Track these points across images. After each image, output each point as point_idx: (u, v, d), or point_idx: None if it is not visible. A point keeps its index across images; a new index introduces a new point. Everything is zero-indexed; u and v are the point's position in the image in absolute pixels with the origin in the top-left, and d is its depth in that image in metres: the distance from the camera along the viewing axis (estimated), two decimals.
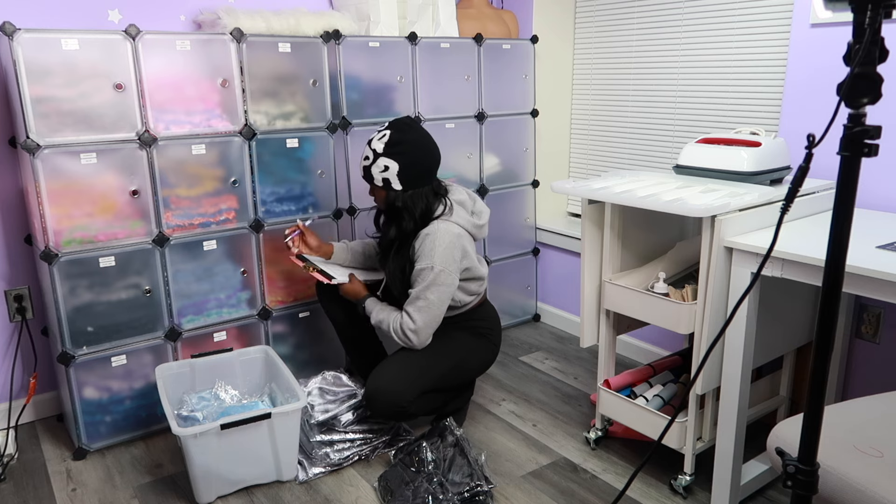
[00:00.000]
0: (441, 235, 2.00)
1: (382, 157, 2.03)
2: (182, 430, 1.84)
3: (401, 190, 2.04)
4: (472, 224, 2.11)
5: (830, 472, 1.20)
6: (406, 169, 2.03)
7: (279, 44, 2.33)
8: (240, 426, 1.90)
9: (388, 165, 2.02)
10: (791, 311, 1.95)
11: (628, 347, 2.92)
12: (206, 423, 1.94)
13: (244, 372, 2.30)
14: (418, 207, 2.06)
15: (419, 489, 1.87)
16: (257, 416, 1.92)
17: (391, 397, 2.01)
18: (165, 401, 1.98)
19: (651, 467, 2.10)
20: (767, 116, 2.37)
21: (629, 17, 2.83)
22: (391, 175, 2.03)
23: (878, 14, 0.84)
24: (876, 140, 0.89)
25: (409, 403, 2.04)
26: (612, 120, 3.00)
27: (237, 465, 1.97)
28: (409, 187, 2.05)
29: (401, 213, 2.06)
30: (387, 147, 2.02)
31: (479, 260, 2.20)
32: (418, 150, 2.06)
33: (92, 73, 2.01)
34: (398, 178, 2.03)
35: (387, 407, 2.03)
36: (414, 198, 2.06)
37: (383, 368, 2.07)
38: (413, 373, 2.06)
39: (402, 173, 2.03)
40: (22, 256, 2.37)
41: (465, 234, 2.08)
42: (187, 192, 2.24)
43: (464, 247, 2.06)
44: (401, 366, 2.07)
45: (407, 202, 2.05)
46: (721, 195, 1.79)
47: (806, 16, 2.09)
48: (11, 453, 2.22)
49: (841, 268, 0.95)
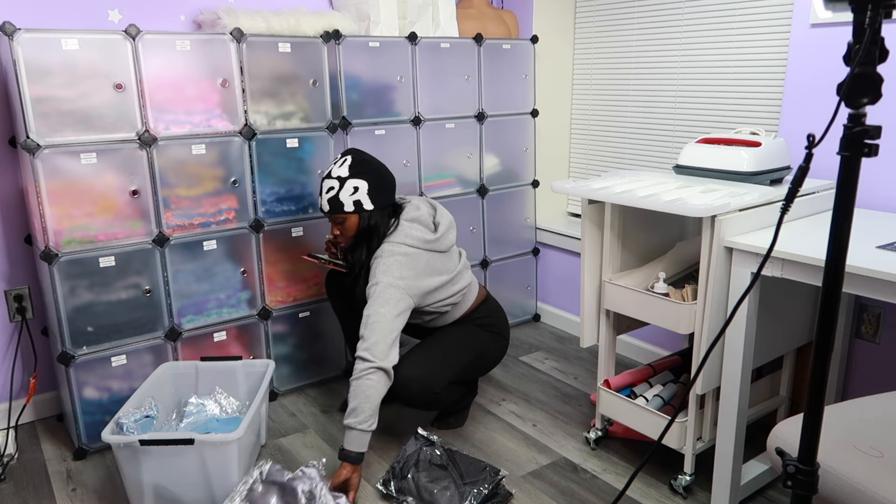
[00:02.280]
0: (386, 255, 2.02)
1: (350, 180, 2.06)
2: (110, 437, 1.77)
3: (373, 209, 2.07)
4: (424, 240, 2.08)
5: (830, 472, 1.20)
6: (375, 185, 2.07)
7: (279, 44, 2.33)
8: (161, 445, 1.78)
9: (357, 186, 2.06)
10: (791, 311, 1.95)
11: (628, 347, 2.92)
12: (128, 435, 1.84)
13: (247, 382, 2.28)
14: (383, 225, 2.10)
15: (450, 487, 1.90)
16: (179, 439, 1.78)
17: (424, 384, 2.05)
18: (129, 401, 1.95)
19: (651, 467, 2.10)
20: (767, 116, 2.37)
21: (629, 17, 2.83)
22: (362, 195, 2.06)
23: (878, 14, 0.84)
24: (876, 140, 0.89)
25: (441, 390, 2.10)
26: (612, 120, 3.00)
27: (168, 485, 1.84)
28: (378, 205, 2.08)
29: (371, 233, 2.09)
30: (352, 169, 2.07)
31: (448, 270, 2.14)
32: (380, 169, 2.13)
33: (92, 73, 2.01)
34: (369, 196, 2.06)
35: (420, 393, 2.06)
36: (382, 216, 2.10)
37: (411, 358, 2.09)
38: (441, 361, 2.13)
39: (372, 191, 2.07)
40: (22, 256, 2.37)
41: (417, 252, 2.06)
42: (187, 192, 2.24)
43: (415, 266, 2.04)
44: (428, 355, 2.13)
45: (378, 220, 2.09)
46: (721, 195, 1.79)
47: (806, 16, 2.09)
48: (11, 453, 2.22)
49: (841, 268, 0.95)
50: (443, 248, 2.13)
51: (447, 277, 2.14)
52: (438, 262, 2.12)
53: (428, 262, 2.08)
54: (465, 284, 2.22)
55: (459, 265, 2.21)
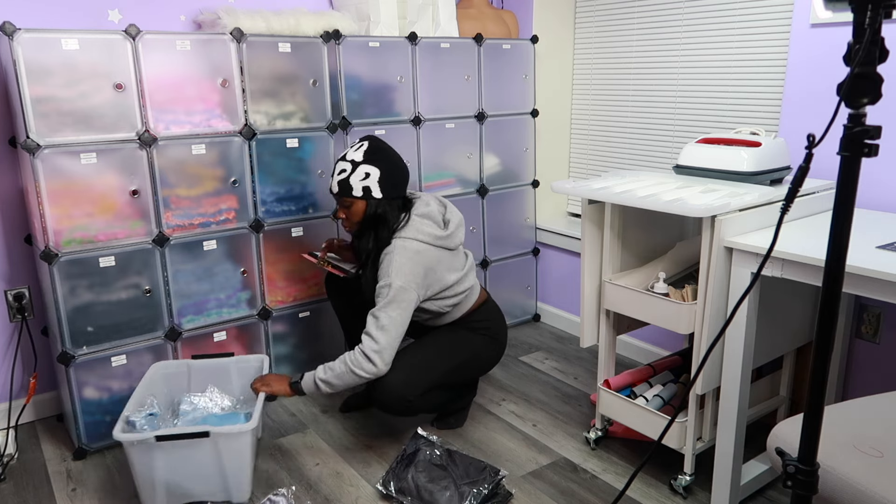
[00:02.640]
0: (398, 252, 2.01)
1: (363, 165, 2.05)
2: (121, 436, 1.79)
3: (381, 198, 2.06)
4: (435, 237, 2.07)
5: (830, 472, 1.20)
6: (387, 175, 2.06)
7: (279, 44, 2.33)
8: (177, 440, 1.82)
9: (369, 172, 2.05)
10: (791, 311, 1.95)
11: (628, 347, 2.92)
12: (143, 432, 1.87)
13: (240, 379, 2.27)
14: (392, 217, 2.08)
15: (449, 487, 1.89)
16: (195, 433, 1.82)
17: (399, 391, 2.03)
18: (131, 400, 1.97)
19: (651, 467, 2.10)
20: (767, 116, 2.37)
21: (629, 17, 2.83)
22: (372, 182, 2.05)
23: (878, 14, 0.84)
24: (876, 140, 0.89)
25: (416, 398, 2.06)
26: (612, 120, 3.00)
27: (182, 479, 1.88)
28: (387, 195, 2.07)
29: (379, 222, 2.08)
30: (367, 155, 2.06)
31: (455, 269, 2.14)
32: (396, 160, 2.11)
33: (92, 73, 2.01)
34: (379, 184, 2.05)
35: (394, 401, 2.04)
36: (391, 207, 2.08)
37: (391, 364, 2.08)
38: (421, 367, 2.09)
39: (383, 179, 2.05)
40: (22, 256, 2.37)
41: (428, 248, 2.06)
42: (187, 192, 2.24)
43: (426, 264, 2.04)
44: (409, 360, 2.09)
45: (386, 210, 2.07)
46: (721, 195, 1.79)
47: (806, 16, 2.09)
48: (11, 453, 2.22)
49: (841, 268, 0.95)
50: (452, 245, 2.13)
51: (459, 275, 2.14)
52: (448, 259, 2.12)
53: (440, 259, 2.08)
54: (469, 286, 2.20)
55: (467, 265, 2.21)
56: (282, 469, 2.14)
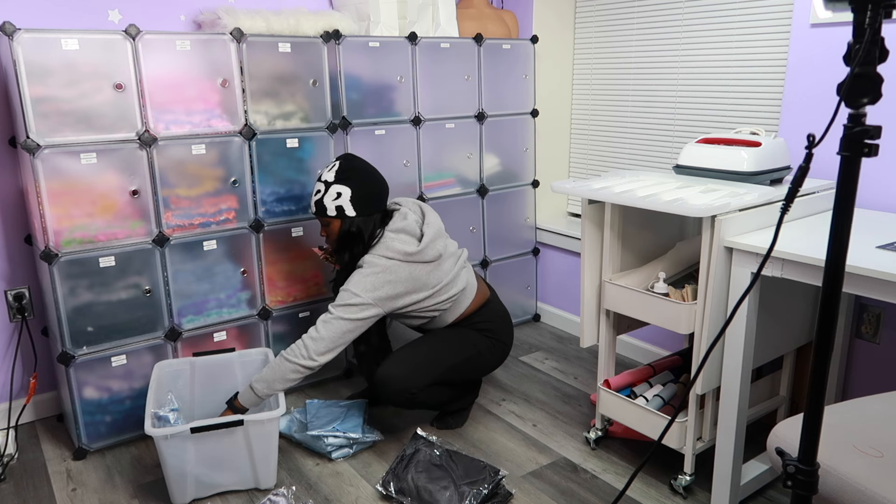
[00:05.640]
0: (367, 266, 2.05)
1: (335, 185, 2.11)
2: (154, 430, 1.82)
3: (354, 216, 2.10)
4: (405, 254, 2.05)
5: (830, 472, 1.20)
6: (359, 193, 2.10)
7: (279, 44, 2.33)
8: (212, 431, 1.87)
9: (340, 192, 2.10)
10: (791, 311, 1.95)
11: (628, 347, 2.92)
12: (177, 425, 1.90)
13: (244, 373, 2.29)
14: (367, 233, 2.13)
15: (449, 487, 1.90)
16: (229, 422, 1.87)
17: (402, 383, 2.07)
18: (150, 398, 1.98)
19: (651, 467, 2.11)
20: (767, 116, 2.37)
21: (629, 17, 2.83)
22: (344, 201, 2.09)
23: (878, 14, 0.84)
24: (876, 140, 0.89)
25: (418, 390, 2.11)
26: (612, 120, 3.00)
27: (211, 470, 1.93)
28: (361, 213, 2.11)
29: (354, 238, 2.12)
30: (338, 174, 2.12)
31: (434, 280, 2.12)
32: (368, 177, 2.15)
33: (92, 73, 2.01)
34: (351, 203, 2.10)
35: (397, 392, 2.08)
36: (366, 223, 2.12)
37: (395, 356, 2.13)
38: (424, 362, 2.13)
39: (355, 198, 2.10)
40: (22, 256, 2.37)
41: (398, 265, 2.06)
42: (187, 192, 2.24)
43: (393, 280, 2.04)
44: (412, 355, 2.14)
45: (360, 227, 2.12)
46: (721, 195, 1.79)
47: (806, 16, 2.09)
48: (11, 453, 2.22)
49: (841, 268, 0.95)
50: (426, 258, 2.10)
51: (428, 293, 2.12)
52: (423, 272, 2.10)
53: (410, 274, 2.07)
54: (457, 291, 2.18)
55: (452, 272, 2.17)
56: (282, 469, 2.14)
